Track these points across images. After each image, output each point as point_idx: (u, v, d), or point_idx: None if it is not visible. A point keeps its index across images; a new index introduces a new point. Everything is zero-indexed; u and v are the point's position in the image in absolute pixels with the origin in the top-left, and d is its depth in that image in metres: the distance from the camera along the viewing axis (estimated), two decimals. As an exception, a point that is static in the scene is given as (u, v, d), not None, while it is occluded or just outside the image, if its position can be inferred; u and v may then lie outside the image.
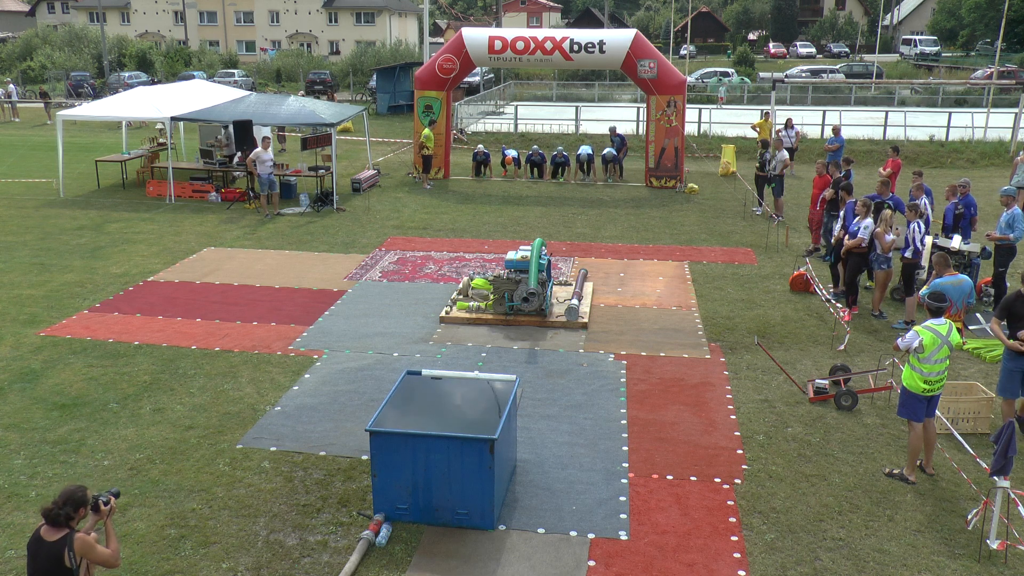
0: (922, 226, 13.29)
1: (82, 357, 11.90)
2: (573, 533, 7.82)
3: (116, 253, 17.27)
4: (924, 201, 14.68)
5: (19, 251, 17.42)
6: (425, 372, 9.01)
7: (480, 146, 26.72)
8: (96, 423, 9.93)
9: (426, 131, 23.56)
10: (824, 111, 34.79)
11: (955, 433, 9.28)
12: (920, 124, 32.75)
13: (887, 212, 13.28)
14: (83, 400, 10.54)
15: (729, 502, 8.35)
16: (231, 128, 22.35)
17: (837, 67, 58.45)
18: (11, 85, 45.25)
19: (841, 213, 14.60)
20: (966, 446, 8.94)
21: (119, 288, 14.95)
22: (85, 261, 16.69)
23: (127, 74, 53.68)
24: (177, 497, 8.39)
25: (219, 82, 40.27)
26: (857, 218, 13.49)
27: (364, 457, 8.86)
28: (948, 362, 8.62)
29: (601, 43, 23.40)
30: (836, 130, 24.75)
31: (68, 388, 10.89)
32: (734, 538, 7.77)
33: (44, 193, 23.45)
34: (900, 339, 8.68)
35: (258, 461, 9.07)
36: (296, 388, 10.87)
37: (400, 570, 7.28)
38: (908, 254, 13.15)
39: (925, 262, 13.62)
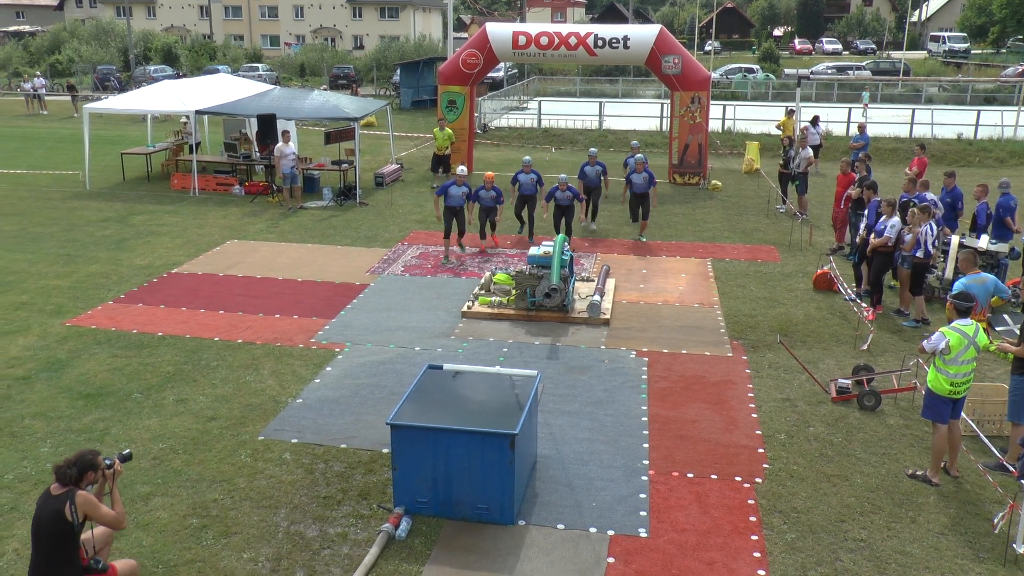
0: (934, 227, 13.16)
1: (107, 347, 12.01)
2: (593, 529, 7.80)
3: (140, 245, 17.41)
4: (931, 198, 14.63)
5: (46, 242, 17.60)
6: (447, 366, 9.02)
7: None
8: (120, 413, 10.02)
9: (436, 131, 23.41)
10: (850, 108, 34.50)
11: (981, 436, 9.18)
12: (948, 122, 32.38)
13: (914, 210, 13.16)
14: (107, 390, 10.64)
15: (749, 501, 8.30)
16: (255, 123, 22.43)
17: (863, 64, 57.93)
18: (39, 78, 45.67)
19: (865, 212, 14.49)
20: (992, 449, 8.85)
21: (143, 280, 15.06)
22: (110, 253, 16.83)
23: (152, 68, 54.01)
24: (199, 487, 8.45)
25: (243, 76, 40.44)
26: (883, 217, 13.37)
27: (385, 450, 8.89)
28: (975, 364, 8.52)
29: (625, 39, 23.30)
30: (862, 128, 24.55)
31: (93, 378, 10.99)
32: (754, 537, 7.73)
33: (70, 185, 23.67)
34: (926, 341, 8.59)
35: (279, 453, 9.12)
36: (318, 381, 10.92)
37: (419, 563, 7.30)
38: (919, 254, 13.02)
39: (951, 265, 13.51)
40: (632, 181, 17.61)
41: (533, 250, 13.51)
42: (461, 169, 16.47)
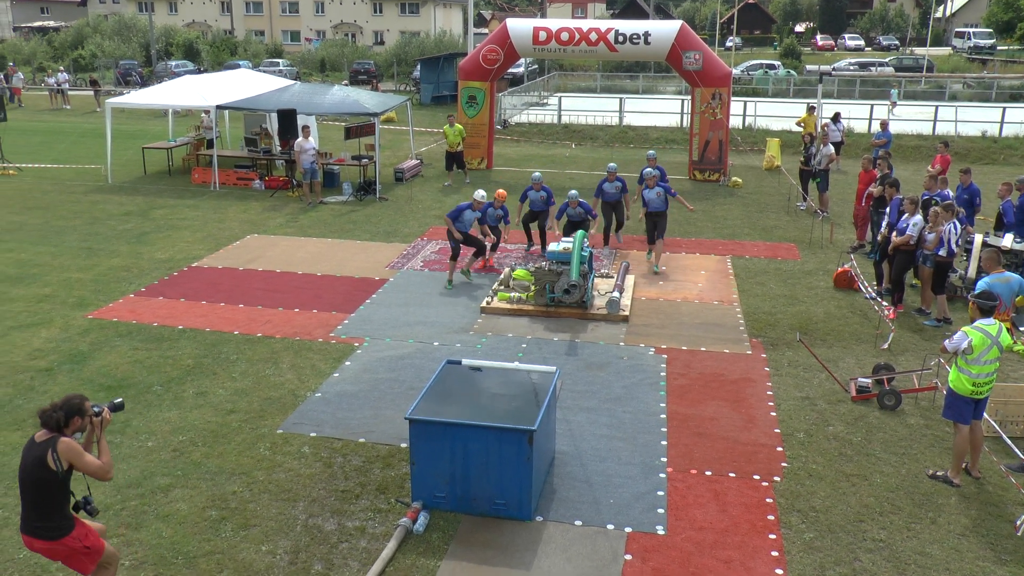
0: (957, 226, 13.04)
1: (128, 340, 12.10)
2: (610, 526, 7.79)
3: (161, 239, 17.53)
4: (946, 194, 14.54)
5: (68, 235, 17.75)
6: (465, 362, 9.03)
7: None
8: (141, 405, 10.10)
9: (446, 127, 23.37)
10: (872, 105, 34.23)
11: (1004, 437, 9.10)
12: (972, 119, 32.07)
13: (936, 209, 13.05)
14: (128, 382, 10.72)
15: (768, 500, 8.27)
16: (275, 118, 22.51)
17: (886, 60, 57.46)
18: (62, 73, 46.04)
19: (887, 209, 14.38)
20: (1015, 450, 8.77)
21: (164, 273, 15.17)
22: (131, 246, 16.95)
23: (174, 63, 54.36)
24: (218, 479, 8.50)
25: (264, 71, 40.60)
26: (905, 215, 13.27)
27: (403, 445, 8.91)
28: (998, 364, 8.43)
29: (646, 34, 23.22)
30: (884, 125, 24.35)
31: (114, 370, 11.08)
32: (772, 536, 7.69)
33: (93, 179, 23.86)
34: (948, 340, 8.50)
35: (298, 446, 9.16)
36: (337, 375, 10.96)
37: (437, 558, 7.31)
38: (942, 253, 12.90)
39: (973, 264, 13.40)
40: (644, 197, 15.67)
41: (553, 246, 13.49)
42: (480, 194, 14.91)
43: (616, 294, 13.03)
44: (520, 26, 24.37)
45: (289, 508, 8.03)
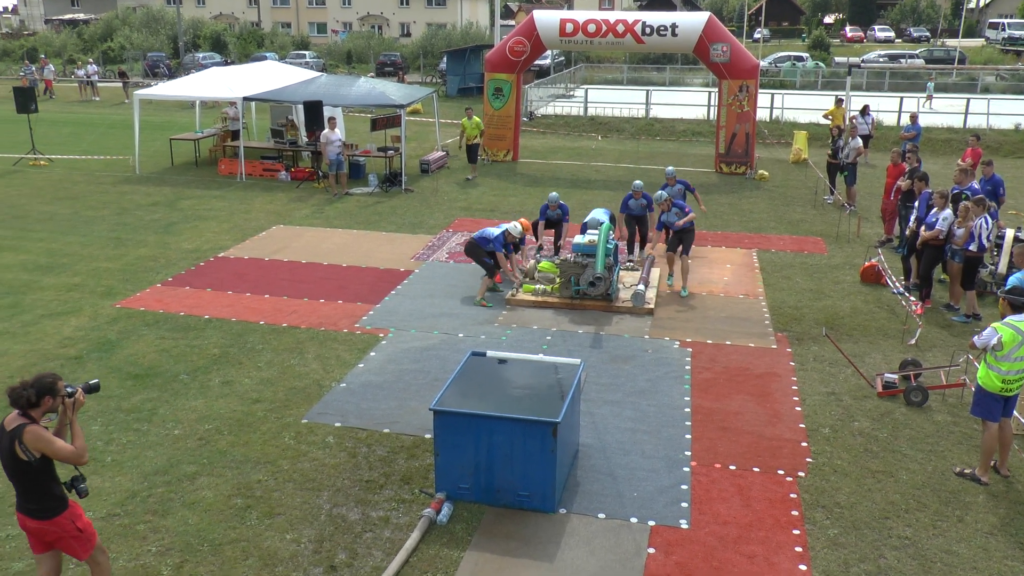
0: (989, 221, 12.87)
1: (155, 329, 12.22)
2: (634, 520, 7.78)
3: (188, 229, 17.67)
4: (976, 188, 14.35)
5: (97, 225, 17.94)
6: (490, 354, 9.03)
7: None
8: (167, 393, 10.20)
9: (464, 120, 23.33)
10: (901, 97, 33.84)
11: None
12: (1005, 112, 31.63)
13: (966, 204, 12.89)
14: (155, 371, 10.83)
15: (792, 495, 8.22)
16: (301, 110, 22.60)
17: (917, 52, 56.76)
18: (92, 65, 46.47)
19: (916, 204, 14.23)
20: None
21: (191, 263, 15.29)
22: (159, 236, 17.11)
23: (201, 55, 54.67)
24: (244, 468, 8.57)
25: (290, 63, 40.76)
26: (935, 209, 13.12)
27: (427, 436, 8.94)
28: (1028, 359, 8.33)
29: (673, 26, 23.08)
30: (913, 117, 24.07)
31: (141, 359, 11.19)
32: (796, 532, 7.65)
33: (121, 170, 24.09)
34: (977, 337, 8.41)
35: (323, 436, 9.21)
36: (361, 365, 11.01)
37: (460, 549, 7.34)
38: (972, 248, 12.75)
39: (1004, 259, 13.23)
40: (663, 221, 14.05)
41: (578, 238, 13.46)
42: (516, 227, 13.86)
43: (641, 287, 12.98)
44: (547, 18, 24.29)
45: (314, 497, 8.09)
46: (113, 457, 8.75)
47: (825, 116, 27.00)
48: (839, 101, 26.59)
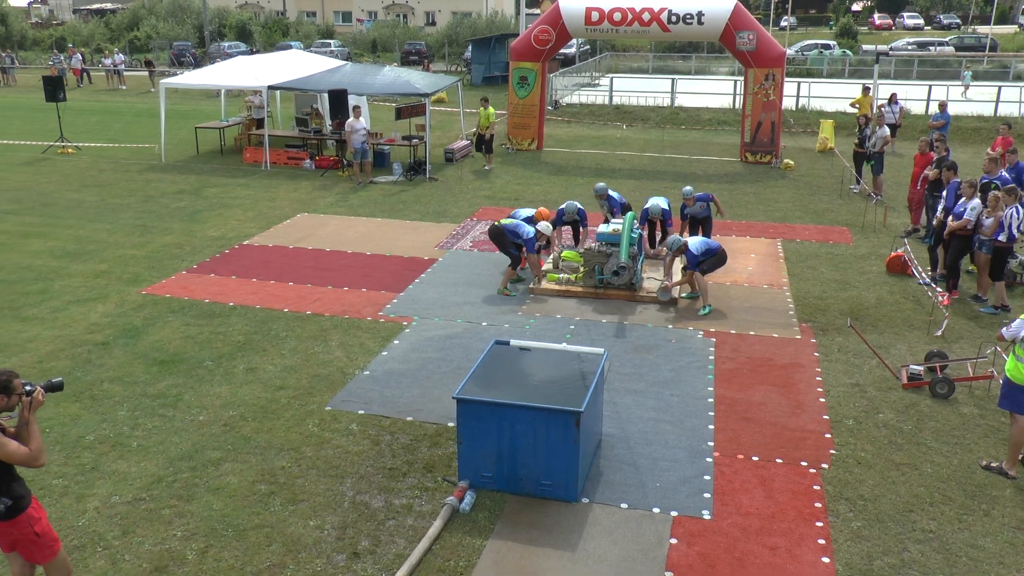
0: (1020, 211, 12.68)
1: (180, 316, 12.32)
2: (656, 510, 7.78)
3: (213, 217, 17.79)
4: (1006, 177, 14.14)
5: (124, 213, 18.10)
6: (513, 342, 9.04)
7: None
8: (192, 380, 10.29)
9: (480, 110, 23.11)
10: (930, 86, 33.42)
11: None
12: (1038, 100, 31.15)
13: (996, 194, 12.72)
14: (181, 357, 10.92)
15: (815, 487, 8.18)
16: (326, 98, 22.66)
17: (947, 39, 55.97)
18: (119, 54, 46.81)
19: (943, 193, 14.06)
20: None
21: (215, 251, 15.40)
22: (184, 224, 17.24)
23: (227, 44, 54.91)
24: (267, 454, 8.64)
25: (315, 52, 40.86)
26: (963, 199, 12.96)
27: (450, 424, 8.97)
28: (1057, 352, 8.23)
29: (699, 14, 22.91)
30: (942, 106, 23.77)
31: (167, 345, 11.30)
32: (819, 524, 7.61)
33: (147, 158, 24.27)
34: (1005, 328, 8.31)
35: (346, 423, 9.26)
36: (385, 353, 11.05)
37: (483, 537, 7.36)
38: (1002, 238, 12.58)
39: None
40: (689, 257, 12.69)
41: (602, 227, 13.41)
42: (545, 227, 13.61)
43: (667, 280, 12.90)
44: (573, 6, 24.16)
45: (337, 484, 8.14)
46: (139, 442, 8.85)
47: (852, 105, 26.72)
48: (866, 89, 26.31)
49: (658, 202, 14.90)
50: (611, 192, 15.31)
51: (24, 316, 12.30)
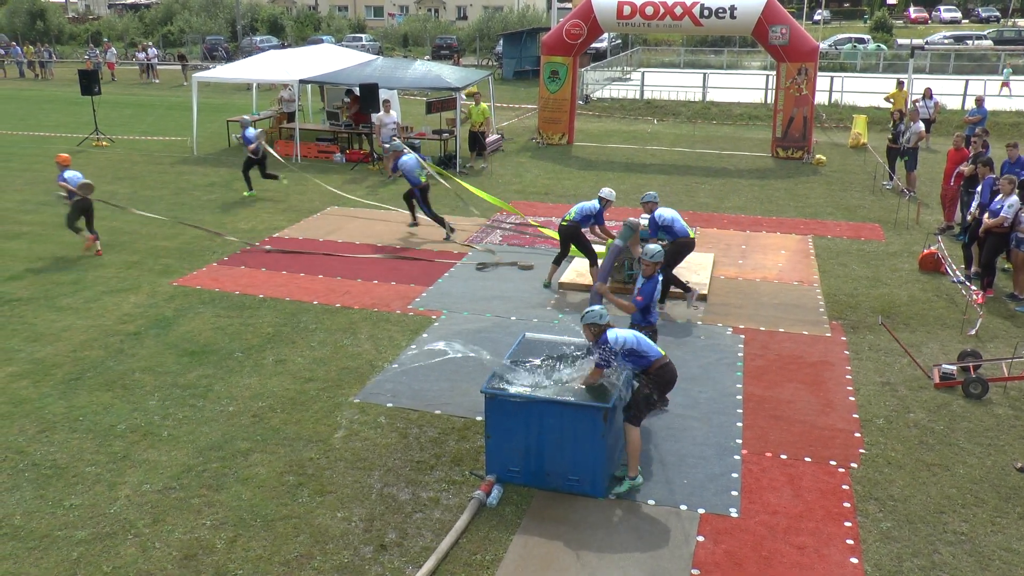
0: None
1: (210, 307, 12.43)
2: (683, 507, 7.74)
3: (244, 209, 17.92)
4: None
5: (156, 205, 18.27)
6: (542, 337, 9.02)
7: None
8: (222, 370, 10.38)
9: (471, 107, 22.84)
10: (967, 80, 32.91)
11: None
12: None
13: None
14: (211, 348, 11.02)
15: (844, 486, 8.10)
16: (357, 92, 22.74)
17: (985, 33, 55.09)
18: (152, 48, 47.26)
19: (978, 189, 13.85)
20: (1108, 442, 8.41)
21: (246, 243, 15.50)
22: (215, 216, 17.37)
23: (259, 38, 55.22)
24: (296, 446, 8.70)
25: (347, 46, 41.00)
26: (1000, 196, 12.76)
27: (478, 418, 8.97)
28: (1093, 352, 8.10)
29: (732, 8, 22.72)
30: (979, 101, 23.40)
31: (197, 336, 11.40)
32: (848, 524, 7.54)
33: (179, 151, 24.50)
34: (1041, 326, 8.19)
35: (374, 416, 9.30)
36: (414, 347, 11.08)
37: (510, 531, 7.37)
38: None
39: None
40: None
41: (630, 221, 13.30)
42: (608, 192, 12.99)
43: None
44: (605, 1, 24.07)
45: (365, 476, 8.18)
46: (169, 432, 8.94)
47: (886, 99, 26.40)
48: (901, 84, 25.98)
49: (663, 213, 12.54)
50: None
51: (59, 306, 12.47)
